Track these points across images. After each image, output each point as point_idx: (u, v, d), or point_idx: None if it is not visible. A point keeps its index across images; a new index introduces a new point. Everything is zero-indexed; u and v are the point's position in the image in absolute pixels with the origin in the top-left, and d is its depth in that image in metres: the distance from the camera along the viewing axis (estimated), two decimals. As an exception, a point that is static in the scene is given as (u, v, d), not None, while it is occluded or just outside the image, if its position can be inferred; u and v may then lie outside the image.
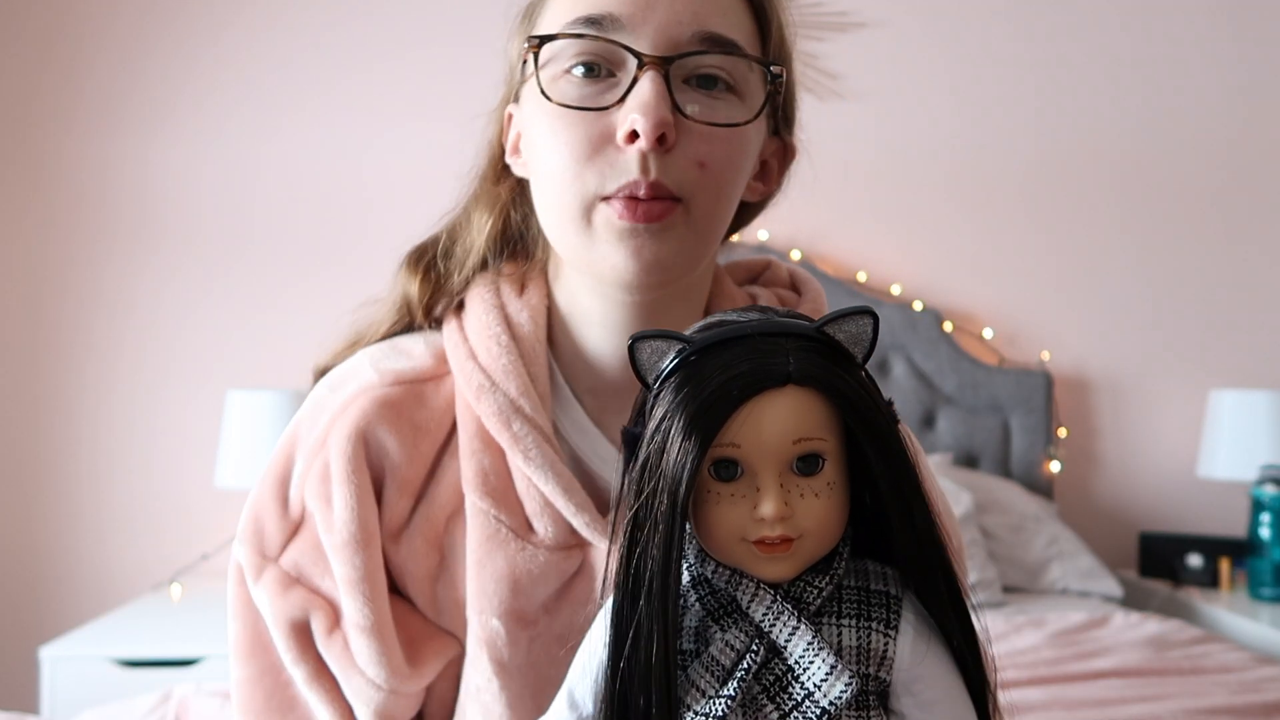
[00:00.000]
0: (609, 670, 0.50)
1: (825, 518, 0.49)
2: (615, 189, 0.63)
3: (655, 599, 0.48)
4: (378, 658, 0.66)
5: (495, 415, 0.67)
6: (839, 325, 0.50)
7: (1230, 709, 1.49)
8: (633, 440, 0.52)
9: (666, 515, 0.48)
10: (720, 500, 0.50)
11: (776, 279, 0.81)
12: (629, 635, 0.49)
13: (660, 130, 0.61)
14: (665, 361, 0.51)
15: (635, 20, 0.63)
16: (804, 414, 0.49)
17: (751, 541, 0.49)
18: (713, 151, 0.64)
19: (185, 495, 2.55)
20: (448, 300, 0.77)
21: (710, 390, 0.48)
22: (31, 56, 2.59)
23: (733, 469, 0.49)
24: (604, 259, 0.65)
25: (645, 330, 0.52)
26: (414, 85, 2.62)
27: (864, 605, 0.51)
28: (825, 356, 0.49)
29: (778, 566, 0.50)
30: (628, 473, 0.51)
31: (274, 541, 0.71)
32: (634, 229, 0.63)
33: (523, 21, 0.72)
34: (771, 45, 0.70)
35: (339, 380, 0.73)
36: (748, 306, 0.55)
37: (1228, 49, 2.78)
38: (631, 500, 0.50)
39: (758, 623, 0.50)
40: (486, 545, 0.67)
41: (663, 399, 0.50)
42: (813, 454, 0.49)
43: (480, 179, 0.78)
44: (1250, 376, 2.71)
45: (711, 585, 0.52)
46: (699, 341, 0.50)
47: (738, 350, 0.49)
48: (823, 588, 0.51)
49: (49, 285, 2.59)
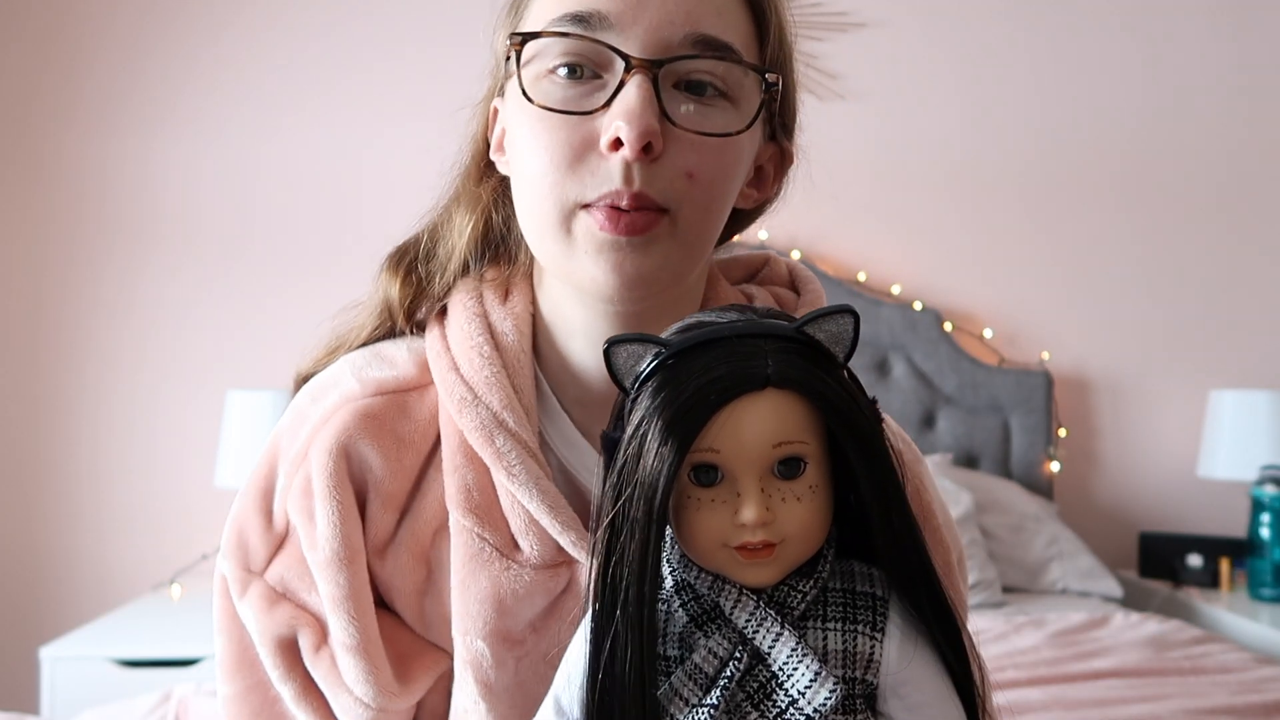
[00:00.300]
0: (589, 681, 0.49)
1: (808, 522, 0.49)
2: (596, 197, 0.60)
3: (632, 608, 0.48)
4: (365, 676, 0.65)
5: (478, 430, 0.65)
6: (819, 325, 0.50)
7: (1230, 709, 1.49)
8: (611, 445, 0.51)
9: (643, 523, 0.47)
10: (700, 506, 0.49)
11: (775, 276, 0.79)
12: (607, 645, 0.48)
13: (646, 140, 0.58)
14: (642, 365, 0.50)
15: (625, 19, 0.60)
16: (784, 417, 0.48)
17: (733, 547, 0.49)
18: (702, 161, 0.61)
19: (185, 495, 2.55)
20: (430, 304, 0.74)
21: (688, 395, 0.47)
22: (31, 56, 2.60)
23: (712, 474, 0.48)
24: (583, 270, 0.62)
25: (621, 334, 0.51)
26: (414, 85, 2.62)
27: (849, 608, 0.51)
28: (805, 357, 0.48)
29: (760, 572, 0.49)
30: (607, 479, 0.50)
31: (259, 556, 0.69)
32: (615, 242, 0.60)
33: (509, 14, 0.69)
34: (770, 47, 0.66)
35: (320, 390, 0.71)
36: (726, 306, 0.54)
37: (1228, 49, 2.77)
38: (608, 507, 0.49)
39: (741, 629, 0.49)
40: (470, 565, 0.65)
41: (639, 403, 0.49)
42: (794, 457, 0.48)
43: (463, 176, 0.75)
44: (1250, 376, 2.71)
45: (695, 591, 0.51)
46: (676, 345, 0.49)
47: (715, 353, 0.48)
48: (807, 592, 0.50)
49: (49, 285, 2.59)
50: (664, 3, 0.60)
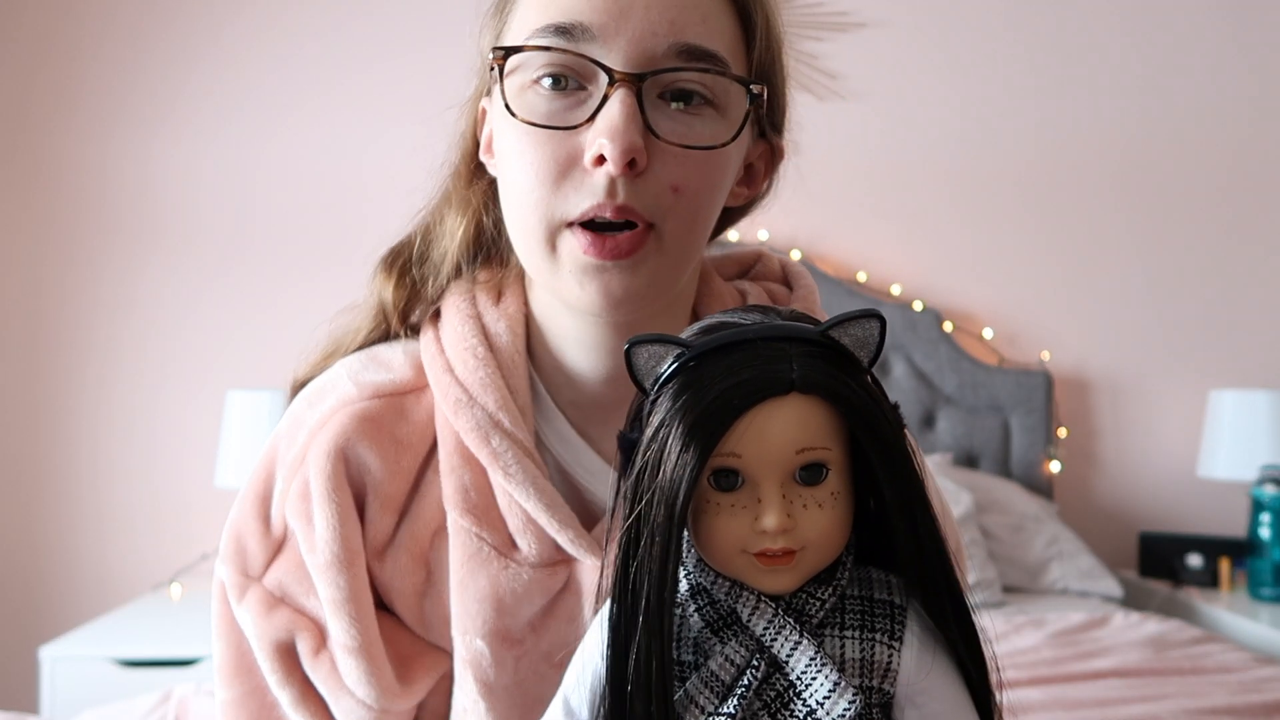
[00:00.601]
0: (610, 685, 0.49)
1: (828, 529, 0.48)
2: (580, 213, 0.60)
3: (651, 614, 0.47)
4: (367, 678, 0.65)
5: (474, 431, 0.65)
6: (844, 329, 0.48)
7: (1230, 709, 1.49)
8: (629, 446, 0.50)
9: (663, 528, 0.47)
10: (720, 511, 0.48)
11: (768, 272, 0.78)
12: (627, 650, 0.48)
13: (629, 156, 0.58)
14: (663, 366, 0.49)
15: (608, 31, 0.59)
16: (808, 423, 0.47)
17: (753, 553, 0.48)
18: (687, 175, 0.60)
19: (185, 495, 2.55)
20: (424, 307, 0.74)
21: (711, 398, 0.46)
22: (31, 56, 2.59)
23: (733, 479, 0.48)
24: (569, 291, 0.62)
25: (642, 335, 0.49)
26: (413, 85, 2.61)
27: (867, 616, 0.50)
28: (830, 362, 0.47)
29: (779, 579, 0.48)
30: (624, 480, 0.50)
31: (256, 561, 0.69)
32: (600, 266, 0.60)
33: (494, 15, 0.68)
34: (757, 49, 0.66)
35: (317, 394, 0.71)
36: (748, 307, 0.52)
37: (1227, 50, 2.77)
38: (627, 510, 0.49)
39: (759, 636, 0.49)
40: (469, 565, 0.65)
41: (660, 405, 0.48)
42: (816, 464, 0.47)
43: (453, 176, 0.74)
44: (1250, 376, 2.71)
45: (711, 596, 0.50)
46: (698, 346, 0.48)
47: (739, 356, 0.47)
48: (825, 599, 0.49)
49: (49, 285, 2.59)
50: (647, 12, 0.59)
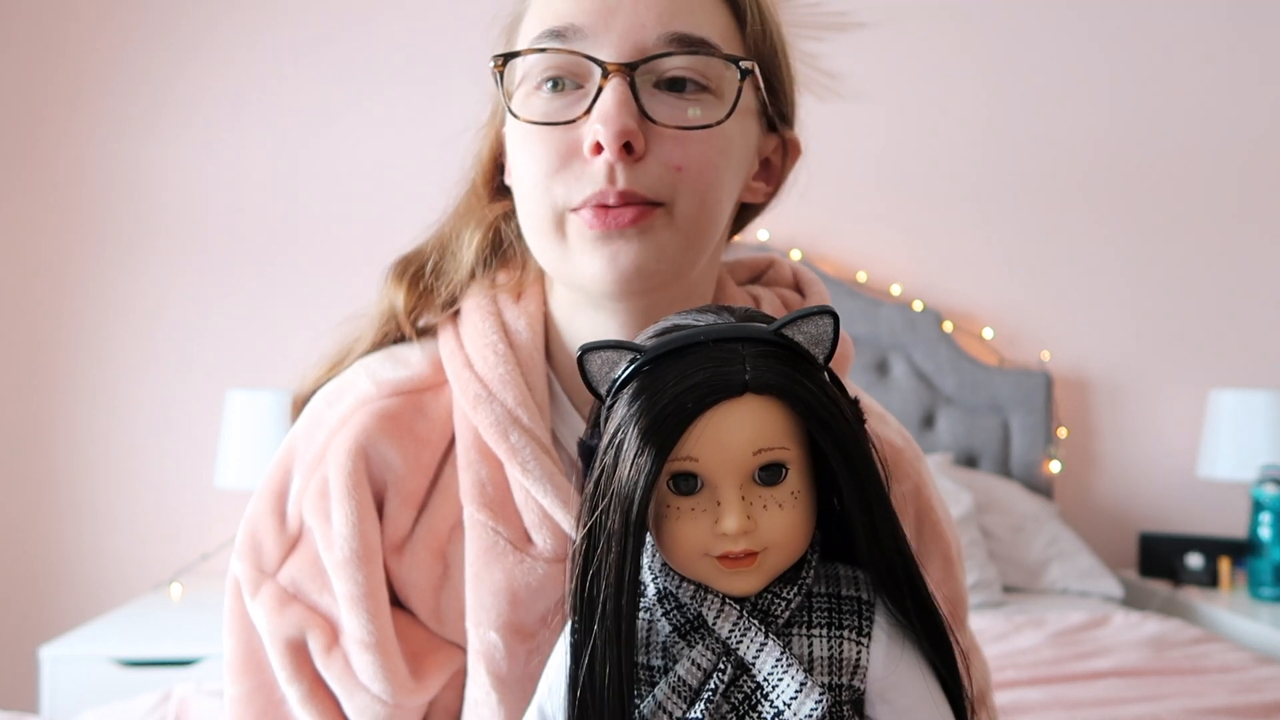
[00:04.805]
0: (569, 695, 0.48)
1: (790, 529, 0.48)
2: (583, 200, 0.62)
3: (610, 621, 0.46)
4: (381, 673, 0.66)
5: (493, 426, 0.66)
6: (798, 327, 0.48)
7: (1230, 709, 1.49)
8: (589, 453, 0.50)
9: (620, 535, 0.46)
10: (680, 515, 0.48)
11: (780, 278, 0.79)
12: (585, 659, 0.47)
13: (624, 139, 0.60)
14: (617, 372, 0.49)
15: (598, 28, 0.62)
16: (763, 423, 0.47)
17: (715, 557, 0.47)
18: (688, 154, 0.62)
19: (185, 495, 2.55)
20: (432, 312, 0.75)
21: (664, 402, 0.46)
22: (31, 57, 2.60)
23: (692, 482, 0.47)
24: (580, 269, 0.64)
25: (594, 341, 0.50)
26: (415, 89, 2.62)
27: (835, 613, 0.50)
28: (784, 361, 0.47)
29: (743, 581, 0.48)
30: (585, 488, 0.49)
31: (271, 557, 0.70)
32: (606, 235, 0.62)
33: (502, 37, 0.71)
34: (749, 35, 0.67)
35: (335, 394, 0.72)
36: (703, 307, 0.53)
37: (1227, 50, 2.77)
38: (585, 517, 0.48)
39: (724, 639, 0.48)
40: (484, 558, 0.66)
41: (615, 411, 0.48)
42: (775, 464, 0.47)
43: (471, 194, 0.76)
44: (1250, 376, 2.71)
45: (677, 600, 0.50)
46: (651, 350, 0.48)
47: (692, 359, 0.47)
48: (791, 599, 0.49)
49: (49, 285, 2.59)
50: (635, 6, 0.62)
